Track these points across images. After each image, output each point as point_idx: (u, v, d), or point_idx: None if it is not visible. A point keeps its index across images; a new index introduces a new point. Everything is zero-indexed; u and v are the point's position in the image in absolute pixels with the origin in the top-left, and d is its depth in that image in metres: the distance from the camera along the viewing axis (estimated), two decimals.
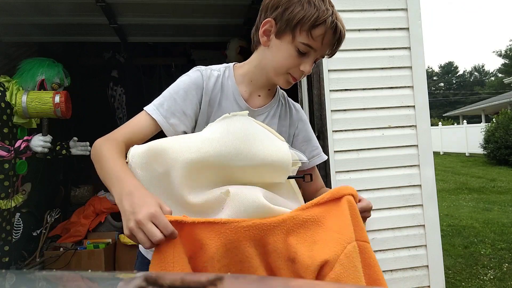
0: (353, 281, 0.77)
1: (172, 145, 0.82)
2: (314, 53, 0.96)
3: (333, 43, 0.96)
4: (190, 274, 0.72)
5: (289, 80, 1.00)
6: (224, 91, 1.03)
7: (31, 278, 0.59)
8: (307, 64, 0.97)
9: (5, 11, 3.04)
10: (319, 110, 2.31)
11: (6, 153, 2.26)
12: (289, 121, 1.12)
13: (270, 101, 1.09)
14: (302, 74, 0.99)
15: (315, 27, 0.92)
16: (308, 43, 0.94)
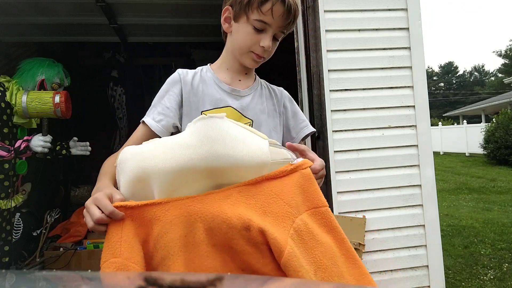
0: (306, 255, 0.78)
1: (152, 153, 0.82)
2: (270, 28, 1.02)
3: (285, 15, 1.01)
4: (190, 274, 0.72)
5: (253, 58, 1.06)
6: (205, 81, 1.09)
7: (31, 278, 0.59)
8: (266, 39, 1.03)
9: (5, 11, 3.04)
10: (319, 110, 2.31)
11: (6, 153, 2.26)
12: (275, 100, 1.17)
13: (253, 84, 1.14)
14: (263, 50, 1.04)
15: (264, 2, 0.99)
16: (260, 19, 1.00)
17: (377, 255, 2.32)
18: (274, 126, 1.14)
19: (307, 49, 2.34)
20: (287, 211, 0.81)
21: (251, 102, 1.10)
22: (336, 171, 2.31)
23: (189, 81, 1.08)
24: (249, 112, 1.09)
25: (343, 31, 2.38)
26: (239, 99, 1.09)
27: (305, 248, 0.79)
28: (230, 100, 1.08)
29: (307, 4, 2.33)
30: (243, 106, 1.09)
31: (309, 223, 0.82)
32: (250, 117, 1.09)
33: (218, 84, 1.09)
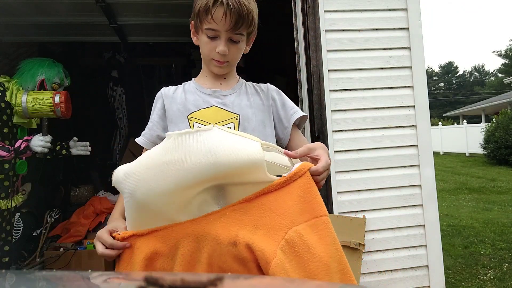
0: (297, 268, 0.77)
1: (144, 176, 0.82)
2: (220, 33, 1.06)
3: (229, 18, 1.03)
4: (191, 274, 0.72)
5: (215, 65, 1.11)
6: (188, 91, 1.16)
7: (31, 278, 0.59)
8: (219, 45, 1.07)
9: (5, 11, 3.04)
10: (319, 110, 2.31)
11: (6, 153, 2.26)
12: (262, 95, 1.19)
13: (235, 84, 1.18)
14: (220, 56, 1.08)
15: (207, 12, 1.04)
16: (209, 27, 1.05)
17: (377, 255, 2.32)
18: (263, 120, 1.14)
19: (307, 49, 2.34)
20: (279, 222, 0.80)
21: (235, 99, 1.13)
22: (336, 171, 2.30)
23: (170, 94, 1.16)
24: (235, 107, 1.12)
25: (343, 31, 2.38)
26: (222, 98, 1.13)
27: (298, 261, 0.77)
28: (213, 100, 1.12)
29: (307, 4, 2.33)
30: (227, 103, 1.12)
31: (306, 235, 0.79)
32: (236, 111, 1.11)
33: (200, 90, 1.15)
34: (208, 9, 1.03)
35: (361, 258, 2.23)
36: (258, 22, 1.13)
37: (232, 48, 1.09)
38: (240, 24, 1.04)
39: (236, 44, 1.09)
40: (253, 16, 1.07)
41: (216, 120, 1.07)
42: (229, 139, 0.85)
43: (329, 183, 2.27)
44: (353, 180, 2.33)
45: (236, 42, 1.09)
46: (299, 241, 0.78)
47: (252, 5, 1.07)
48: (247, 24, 1.06)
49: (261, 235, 0.80)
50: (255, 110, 1.14)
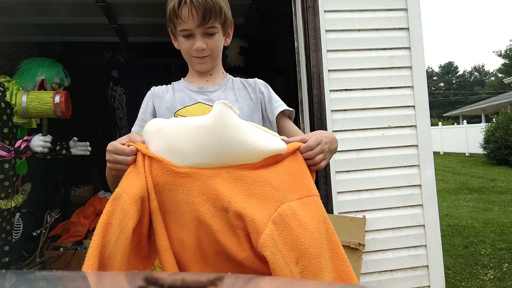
0: (288, 241, 0.77)
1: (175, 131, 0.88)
2: (193, 31, 1.09)
3: (196, 14, 1.05)
4: (191, 274, 0.72)
5: (197, 62, 1.15)
6: (176, 89, 1.20)
7: (31, 278, 0.59)
8: (197, 41, 1.10)
9: (5, 11, 3.04)
10: (319, 110, 2.31)
11: (6, 153, 2.26)
12: (249, 89, 1.22)
13: (222, 80, 1.21)
14: (198, 51, 1.11)
15: (176, 14, 1.07)
16: (182, 28, 1.09)
17: (377, 255, 2.32)
18: (250, 114, 1.17)
19: (307, 49, 2.34)
20: (273, 195, 0.82)
21: (222, 95, 1.16)
22: (336, 171, 2.30)
23: (160, 93, 1.20)
24: None
25: (343, 31, 2.38)
26: (208, 95, 1.16)
27: (290, 234, 0.78)
28: (199, 97, 1.15)
29: (307, 4, 2.33)
30: (212, 99, 1.14)
31: (298, 211, 0.80)
32: None
33: (187, 87, 1.18)
34: (176, 11, 1.06)
35: (361, 258, 2.23)
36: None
37: (209, 42, 1.11)
38: (208, 17, 1.07)
39: (212, 37, 1.11)
40: (221, 7, 1.09)
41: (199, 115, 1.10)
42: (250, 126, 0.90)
43: (329, 183, 2.27)
44: (353, 180, 2.33)
45: (211, 35, 1.11)
46: (291, 215, 0.79)
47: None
48: (216, 16, 1.08)
49: (253, 204, 0.81)
50: (241, 105, 1.16)
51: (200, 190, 0.83)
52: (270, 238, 0.77)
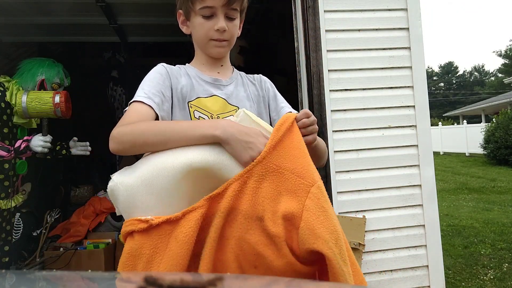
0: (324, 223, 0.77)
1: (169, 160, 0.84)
2: (216, 10, 1.03)
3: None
4: (190, 274, 0.72)
5: (215, 45, 1.08)
6: (188, 75, 1.11)
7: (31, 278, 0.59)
8: (218, 22, 1.04)
9: (5, 11, 3.04)
10: (319, 110, 2.31)
11: (6, 153, 2.26)
12: (256, 86, 1.19)
13: (232, 74, 1.17)
14: (220, 33, 1.05)
15: None
16: (203, 6, 1.02)
17: (377, 255, 2.32)
18: (260, 112, 1.15)
19: (307, 49, 2.34)
20: (300, 183, 0.80)
21: (235, 90, 1.13)
22: (336, 171, 2.30)
23: (175, 73, 1.09)
24: (234, 99, 1.11)
25: (343, 31, 2.38)
26: (222, 89, 1.11)
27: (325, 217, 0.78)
28: (214, 90, 1.10)
29: (307, 4, 2.33)
30: (227, 94, 1.11)
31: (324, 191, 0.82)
32: (235, 104, 1.10)
33: (200, 77, 1.11)
34: None
35: (361, 258, 2.23)
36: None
37: (230, 26, 1.06)
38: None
39: (233, 21, 1.07)
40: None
41: (216, 111, 1.07)
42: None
43: (329, 183, 2.27)
44: (353, 180, 2.33)
45: (232, 19, 1.07)
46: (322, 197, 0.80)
47: None
48: (241, 1, 1.06)
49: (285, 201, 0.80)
50: (252, 103, 1.14)
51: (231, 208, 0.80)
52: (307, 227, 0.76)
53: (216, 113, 1.06)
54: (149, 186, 0.81)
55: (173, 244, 0.77)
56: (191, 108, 1.05)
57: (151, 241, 0.78)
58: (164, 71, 1.08)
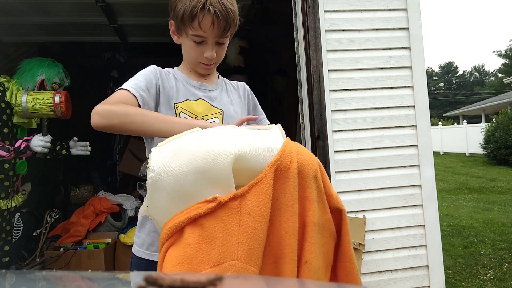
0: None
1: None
2: (208, 39, 1.07)
3: (216, 25, 1.03)
4: (190, 274, 0.72)
5: (203, 67, 1.14)
6: (177, 79, 1.16)
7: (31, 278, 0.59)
8: (207, 50, 1.08)
9: (5, 11, 3.04)
10: (319, 110, 2.31)
11: (6, 153, 2.26)
12: (239, 93, 1.26)
13: (217, 81, 1.23)
14: (208, 59, 1.11)
15: (193, 18, 1.02)
16: (196, 34, 1.05)
17: (377, 255, 2.32)
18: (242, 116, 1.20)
19: (307, 49, 2.34)
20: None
21: (219, 95, 1.19)
22: (336, 171, 2.30)
23: (163, 75, 1.13)
24: (218, 103, 1.17)
25: (343, 31, 2.38)
26: (207, 93, 1.17)
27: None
28: (200, 93, 1.16)
29: (307, 4, 2.33)
30: (212, 98, 1.17)
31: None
32: (219, 107, 1.16)
33: (188, 81, 1.16)
34: (195, 16, 1.01)
35: (361, 258, 2.23)
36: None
37: (218, 51, 1.11)
38: (227, 30, 1.06)
39: (222, 46, 1.12)
40: (238, 18, 1.09)
41: (202, 113, 1.12)
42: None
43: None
44: (353, 180, 2.33)
45: (222, 44, 1.12)
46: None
47: (235, 6, 1.08)
48: (233, 28, 1.08)
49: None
50: (235, 108, 1.20)
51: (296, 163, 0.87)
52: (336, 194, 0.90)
53: (201, 115, 1.11)
54: (201, 173, 0.79)
55: (248, 220, 0.75)
56: (177, 109, 1.10)
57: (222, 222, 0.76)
58: (154, 70, 1.12)
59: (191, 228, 0.77)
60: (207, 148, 0.81)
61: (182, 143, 0.85)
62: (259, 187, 0.78)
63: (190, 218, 0.77)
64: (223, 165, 0.79)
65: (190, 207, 0.78)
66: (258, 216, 0.76)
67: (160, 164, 0.79)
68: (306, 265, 0.79)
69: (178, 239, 0.78)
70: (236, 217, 0.76)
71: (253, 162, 0.82)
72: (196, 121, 1.04)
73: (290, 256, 0.78)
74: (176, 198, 0.80)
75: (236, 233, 0.75)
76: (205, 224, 0.76)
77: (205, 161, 0.79)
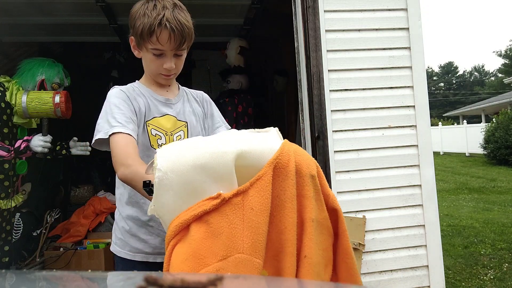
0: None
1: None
2: (167, 52, 1.14)
3: (173, 39, 1.11)
4: (190, 274, 0.72)
5: (163, 78, 1.22)
6: (143, 95, 1.23)
7: (31, 278, 0.59)
8: (166, 62, 1.16)
9: (5, 11, 3.04)
10: (319, 110, 2.31)
11: (6, 153, 2.26)
12: (199, 103, 1.34)
13: (179, 91, 1.31)
14: (168, 70, 1.18)
15: (151, 34, 1.10)
16: (155, 47, 1.13)
17: (377, 255, 2.32)
18: (202, 126, 1.30)
19: (307, 49, 2.34)
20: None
21: (182, 107, 1.27)
22: (336, 171, 2.30)
23: (133, 95, 1.21)
24: (182, 116, 1.25)
25: (343, 31, 2.38)
26: (172, 107, 1.25)
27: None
28: (166, 109, 1.24)
29: (307, 4, 2.33)
30: (177, 111, 1.25)
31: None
32: (183, 119, 1.25)
33: (154, 96, 1.24)
34: (153, 32, 1.10)
35: (361, 258, 2.23)
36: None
37: (177, 62, 1.19)
38: (183, 42, 1.14)
39: (180, 57, 1.20)
40: (192, 33, 1.16)
41: (170, 129, 1.21)
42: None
43: (329, 183, 2.26)
44: (353, 180, 2.33)
45: (180, 56, 1.19)
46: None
47: (190, 21, 1.15)
48: (189, 41, 1.16)
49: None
50: (197, 117, 1.29)
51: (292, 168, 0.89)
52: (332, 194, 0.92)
53: (170, 130, 1.21)
54: (205, 171, 0.82)
55: (251, 215, 0.79)
56: (148, 126, 1.19)
57: (227, 217, 0.79)
58: (124, 96, 1.18)
59: (197, 225, 0.80)
60: (210, 147, 0.85)
61: (187, 144, 0.90)
62: (260, 183, 0.81)
63: (196, 215, 0.79)
64: (226, 162, 0.82)
65: (195, 205, 0.81)
66: (260, 211, 0.79)
67: (166, 164, 0.82)
68: (306, 259, 0.82)
69: (184, 236, 0.81)
70: (240, 212, 0.79)
71: (254, 160, 0.85)
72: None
73: (290, 250, 0.81)
74: (183, 196, 0.82)
75: (241, 227, 0.78)
76: (211, 220, 0.79)
77: (209, 159, 0.82)
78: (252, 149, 0.85)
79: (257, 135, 0.93)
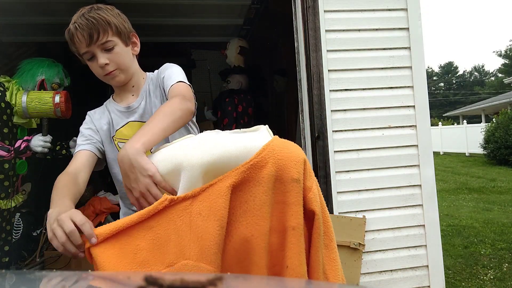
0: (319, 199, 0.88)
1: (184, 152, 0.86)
2: (91, 51, 1.12)
3: (86, 35, 1.10)
4: (190, 274, 0.72)
5: (110, 78, 1.17)
6: (109, 111, 1.25)
7: (31, 278, 0.59)
8: (98, 59, 1.13)
9: (5, 11, 3.04)
10: (319, 110, 2.31)
11: (6, 153, 2.26)
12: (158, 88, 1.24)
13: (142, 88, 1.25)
14: (104, 68, 1.14)
15: (71, 42, 1.14)
16: (79, 53, 1.15)
17: (377, 255, 2.32)
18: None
19: (307, 49, 2.34)
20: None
21: (146, 104, 1.22)
22: (336, 171, 2.30)
23: (97, 118, 1.24)
24: (149, 114, 1.21)
25: (343, 31, 2.38)
26: (136, 111, 1.22)
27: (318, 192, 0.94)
28: (128, 117, 1.22)
29: (307, 4, 2.33)
30: (140, 114, 1.21)
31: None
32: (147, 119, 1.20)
33: (116, 108, 1.23)
34: (70, 39, 1.13)
35: (361, 258, 2.23)
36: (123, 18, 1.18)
37: (110, 57, 1.13)
38: (96, 35, 1.10)
39: (112, 51, 1.14)
40: (108, 21, 1.12)
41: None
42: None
43: (329, 183, 2.27)
44: (353, 180, 2.33)
45: (110, 49, 1.13)
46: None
47: (102, 12, 1.12)
48: (104, 31, 1.11)
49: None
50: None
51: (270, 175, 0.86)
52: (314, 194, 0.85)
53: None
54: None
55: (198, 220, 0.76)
56: (115, 141, 1.20)
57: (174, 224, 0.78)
58: (88, 119, 1.25)
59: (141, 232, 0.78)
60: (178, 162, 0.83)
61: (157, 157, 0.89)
62: (213, 188, 0.78)
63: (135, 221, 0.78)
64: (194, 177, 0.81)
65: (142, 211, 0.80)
66: (208, 216, 0.76)
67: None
68: (287, 270, 0.79)
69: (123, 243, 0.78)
70: (187, 217, 0.77)
71: (230, 166, 0.82)
72: None
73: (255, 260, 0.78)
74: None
75: (188, 233, 0.76)
76: (157, 227, 0.78)
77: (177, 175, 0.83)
78: (226, 155, 0.81)
79: (240, 137, 0.87)
